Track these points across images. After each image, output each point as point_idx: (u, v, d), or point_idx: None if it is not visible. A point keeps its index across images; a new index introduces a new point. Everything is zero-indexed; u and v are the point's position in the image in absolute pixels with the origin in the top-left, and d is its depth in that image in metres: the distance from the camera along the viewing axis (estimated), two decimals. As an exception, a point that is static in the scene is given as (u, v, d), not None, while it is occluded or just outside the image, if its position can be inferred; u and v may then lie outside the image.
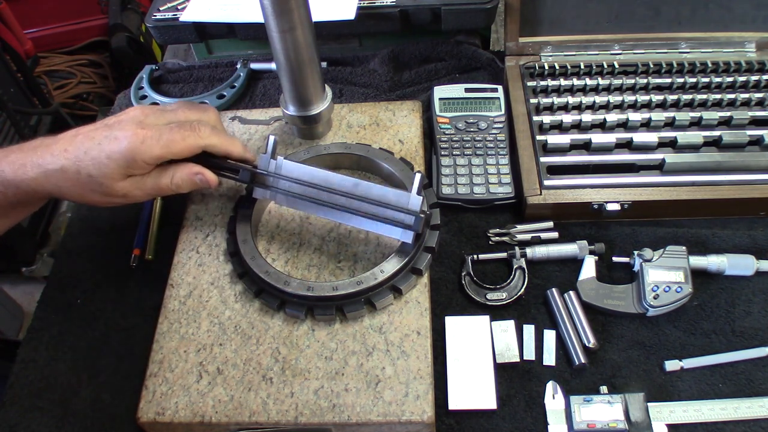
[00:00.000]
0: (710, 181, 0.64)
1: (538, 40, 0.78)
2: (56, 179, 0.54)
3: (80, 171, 0.53)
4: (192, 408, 0.53)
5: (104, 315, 0.64)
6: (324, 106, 0.67)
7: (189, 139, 0.55)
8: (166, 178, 0.57)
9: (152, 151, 0.54)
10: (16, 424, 0.57)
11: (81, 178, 0.54)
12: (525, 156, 0.68)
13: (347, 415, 0.51)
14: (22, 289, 1.55)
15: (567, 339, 0.57)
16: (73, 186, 0.54)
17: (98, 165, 0.53)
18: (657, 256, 0.59)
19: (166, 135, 0.54)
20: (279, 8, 0.55)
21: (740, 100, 0.70)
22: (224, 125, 0.75)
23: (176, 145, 0.55)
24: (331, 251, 0.62)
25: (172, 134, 0.55)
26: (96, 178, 0.54)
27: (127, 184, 0.56)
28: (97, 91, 1.91)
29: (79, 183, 0.54)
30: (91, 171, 0.53)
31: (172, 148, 0.55)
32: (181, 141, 0.55)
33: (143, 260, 0.67)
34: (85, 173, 0.53)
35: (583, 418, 0.52)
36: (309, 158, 0.66)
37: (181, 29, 0.84)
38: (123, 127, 0.54)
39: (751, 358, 0.56)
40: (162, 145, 0.54)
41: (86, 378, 0.59)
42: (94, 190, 0.55)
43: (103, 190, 0.55)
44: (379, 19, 0.82)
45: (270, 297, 0.57)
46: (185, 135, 0.55)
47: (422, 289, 0.58)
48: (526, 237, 0.65)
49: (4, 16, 1.60)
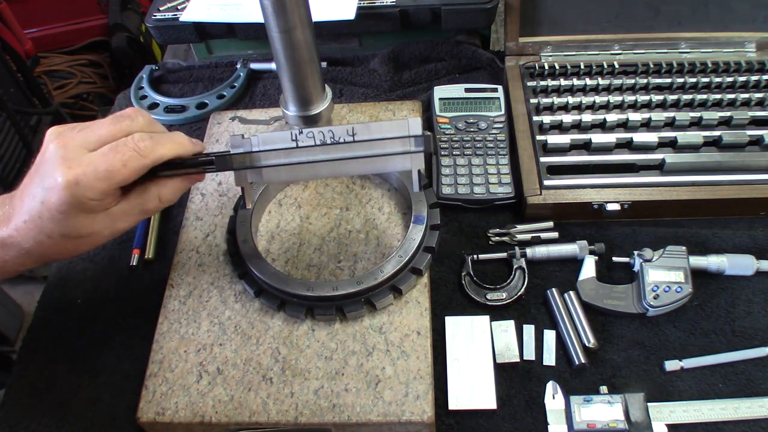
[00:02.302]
0: (710, 181, 0.64)
1: (538, 40, 0.78)
2: (38, 252, 0.49)
3: (51, 236, 0.47)
4: (192, 408, 0.53)
5: (104, 315, 0.64)
6: (324, 106, 0.67)
7: (131, 162, 0.47)
8: (152, 202, 0.51)
9: (93, 188, 0.46)
10: (16, 424, 0.57)
11: (59, 241, 0.48)
12: (525, 156, 0.68)
13: (347, 415, 0.51)
14: (22, 289, 1.55)
15: (567, 339, 0.57)
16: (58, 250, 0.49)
17: (58, 223, 0.47)
18: (657, 256, 0.59)
19: (102, 166, 0.46)
20: (279, 8, 0.55)
21: (740, 100, 0.70)
22: (224, 125, 0.75)
23: (118, 174, 0.46)
24: (331, 251, 0.62)
25: (108, 162, 0.46)
26: (70, 235, 0.48)
27: (107, 220, 0.49)
28: (97, 91, 1.91)
29: (60, 246, 0.49)
30: (59, 231, 0.47)
31: (114, 179, 0.46)
32: (122, 167, 0.46)
33: (143, 260, 0.67)
34: (56, 236, 0.48)
35: (583, 418, 0.52)
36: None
37: (181, 29, 0.84)
38: (50, 173, 0.46)
39: (751, 358, 0.56)
40: (101, 178, 0.46)
41: (86, 378, 0.59)
42: (78, 244, 0.50)
43: (87, 240, 0.49)
44: (379, 19, 0.82)
45: (270, 297, 0.57)
46: (124, 159, 0.47)
47: (422, 289, 0.58)
48: (526, 237, 0.65)
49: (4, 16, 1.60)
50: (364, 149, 0.52)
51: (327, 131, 0.52)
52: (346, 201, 0.66)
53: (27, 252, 0.49)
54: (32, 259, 0.50)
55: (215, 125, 0.76)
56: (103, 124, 0.49)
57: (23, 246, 0.48)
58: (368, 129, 0.52)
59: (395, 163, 0.53)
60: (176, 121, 0.82)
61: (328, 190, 0.68)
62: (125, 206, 0.50)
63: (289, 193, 0.68)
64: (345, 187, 0.68)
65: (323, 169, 0.53)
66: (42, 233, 0.47)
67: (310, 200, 0.67)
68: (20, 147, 1.48)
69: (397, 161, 0.53)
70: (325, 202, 0.66)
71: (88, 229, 0.48)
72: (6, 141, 1.43)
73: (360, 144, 0.52)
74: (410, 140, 0.52)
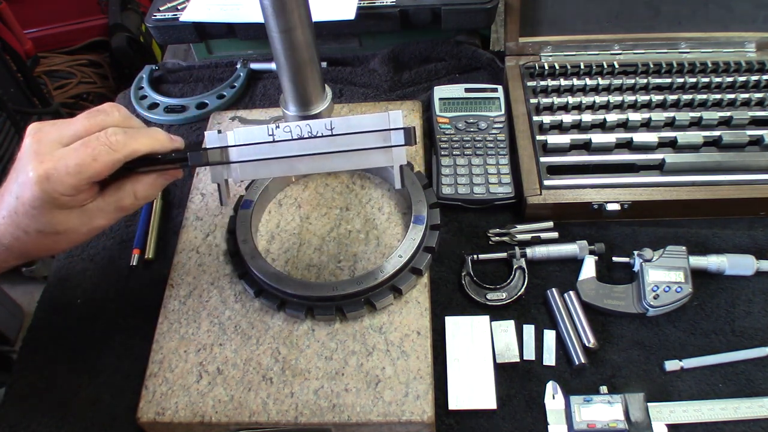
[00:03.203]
0: (710, 181, 0.64)
1: (538, 40, 0.78)
2: (17, 248, 0.49)
3: (27, 232, 0.48)
4: (192, 408, 0.53)
5: (104, 315, 0.64)
6: (324, 106, 0.67)
7: (102, 156, 0.46)
8: (128, 198, 0.50)
9: (63, 182, 0.45)
10: (16, 424, 0.57)
11: (35, 238, 0.48)
12: (525, 156, 0.68)
13: (347, 415, 0.51)
14: (22, 289, 1.55)
15: (567, 339, 0.57)
16: (36, 246, 0.49)
17: (33, 219, 0.47)
18: (657, 256, 0.59)
19: (72, 160, 0.45)
20: (279, 8, 0.55)
21: (740, 100, 0.70)
22: (224, 125, 0.75)
23: (89, 168, 0.46)
24: (331, 251, 0.62)
25: (78, 156, 0.45)
26: (45, 231, 0.48)
27: (83, 217, 0.49)
28: (97, 91, 1.91)
29: (37, 242, 0.49)
30: (34, 227, 0.47)
31: (84, 173, 0.46)
32: (92, 162, 0.46)
33: (143, 260, 0.67)
34: (33, 231, 0.48)
35: (583, 418, 0.52)
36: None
37: (181, 29, 0.84)
38: (23, 168, 0.46)
39: (751, 358, 0.56)
40: (72, 173, 0.45)
41: (86, 378, 0.59)
42: (56, 241, 0.49)
43: (64, 237, 0.49)
44: (379, 19, 0.82)
45: (270, 297, 0.57)
46: (95, 153, 0.46)
47: (422, 289, 0.58)
48: (526, 237, 0.65)
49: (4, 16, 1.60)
50: (344, 144, 0.50)
51: (305, 125, 0.50)
52: (346, 201, 0.66)
53: (7, 248, 0.49)
54: (13, 256, 0.50)
55: (215, 125, 0.76)
56: (78, 119, 0.49)
57: (2, 242, 0.49)
58: (347, 123, 0.50)
59: (376, 157, 0.51)
60: (176, 121, 0.82)
61: (328, 190, 0.68)
62: (101, 203, 0.49)
63: (289, 193, 0.68)
64: (345, 187, 0.68)
65: (301, 164, 0.51)
66: (19, 229, 0.47)
67: (310, 200, 0.67)
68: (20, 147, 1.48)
69: (378, 156, 0.51)
70: (325, 202, 0.66)
71: (63, 225, 0.48)
72: (6, 141, 1.43)
73: (339, 138, 0.50)
74: (390, 134, 0.50)
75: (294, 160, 0.51)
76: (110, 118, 0.49)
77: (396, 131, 0.50)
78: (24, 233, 0.48)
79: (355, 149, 0.50)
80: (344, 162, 0.51)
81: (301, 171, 0.52)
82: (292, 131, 0.50)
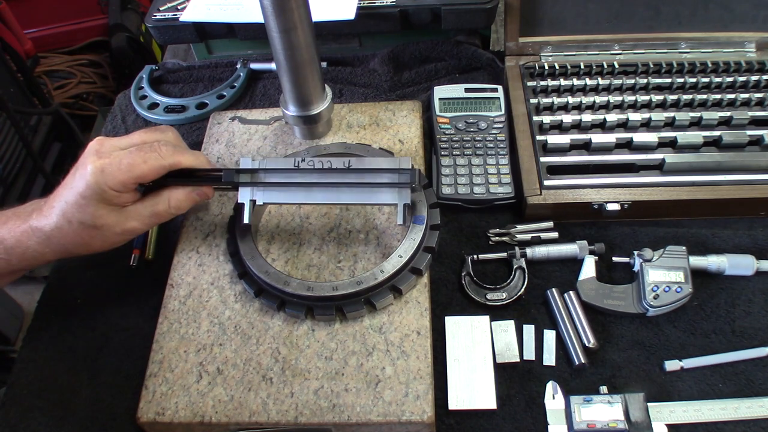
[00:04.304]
0: (710, 181, 0.64)
1: (538, 40, 0.78)
2: (57, 239, 0.54)
3: (71, 221, 0.53)
4: (192, 408, 0.53)
5: (104, 315, 0.64)
6: (324, 106, 0.67)
7: (151, 160, 0.54)
8: (162, 204, 0.57)
9: (115, 177, 0.52)
10: (16, 424, 0.57)
11: (75, 229, 0.54)
12: (525, 156, 0.68)
13: (347, 415, 0.51)
14: (22, 289, 1.55)
15: (567, 339, 0.57)
16: (74, 239, 0.54)
17: (79, 208, 0.53)
18: (657, 256, 0.59)
19: (126, 159, 0.53)
20: (279, 8, 0.55)
21: (740, 100, 0.70)
22: (224, 125, 0.75)
23: (138, 168, 0.53)
24: (331, 251, 0.62)
25: (131, 158, 0.53)
26: (85, 223, 0.53)
27: (120, 217, 0.55)
28: (97, 91, 1.91)
29: (76, 234, 0.54)
30: (78, 217, 0.53)
31: (134, 172, 0.53)
32: (142, 163, 0.53)
33: (143, 260, 0.67)
34: (75, 222, 0.53)
35: (583, 418, 0.52)
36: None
37: (181, 29, 0.84)
38: (84, 163, 0.53)
39: (751, 358, 0.56)
40: (123, 170, 0.53)
41: (86, 378, 0.59)
42: (92, 236, 0.55)
43: (100, 234, 0.55)
44: (379, 19, 0.82)
45: (270, 297, 0.57)
46: (146, 157, 0.54)
47: (422, 289, 0.58)
48: (526, 237, 0.65)
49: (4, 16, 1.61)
50: (357, 178, 0.57)
51: (326, 161, 0.58)
52: (346, 201, 0.66)
53: (47, 238, 0.54)
54: (51, 249, 0.55)
55: (215, 125, 0.76)
56: (137, 133, 0.58)
57: (45, 231, 0.54)
58: (362, 162, 0.58)
59: (384, 195, 0.57)
60: (176, 121, 0.82)
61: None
62: (139, 207, 0.56)
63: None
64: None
65: (318, 194, 0.58)
66: (64, 218, 0.53)
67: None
68: (20, 147, 1.48)
69: (385, 193, 0.57)
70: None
71: (102, 220, 0.54)
72: (6, 141, 1.43)
73: (353, 173, 0.58)
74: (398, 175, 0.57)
75: (313, 189, 0.58)
76: (163, 135, 0.58)
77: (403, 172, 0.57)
78: (67, 223, 0.53)
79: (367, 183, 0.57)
80: (356, 197, 0.58)
81: (318, 200, 0.58)
82: (315, 164, 0.58)
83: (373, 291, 0.56)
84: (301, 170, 0.58)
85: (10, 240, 0.54)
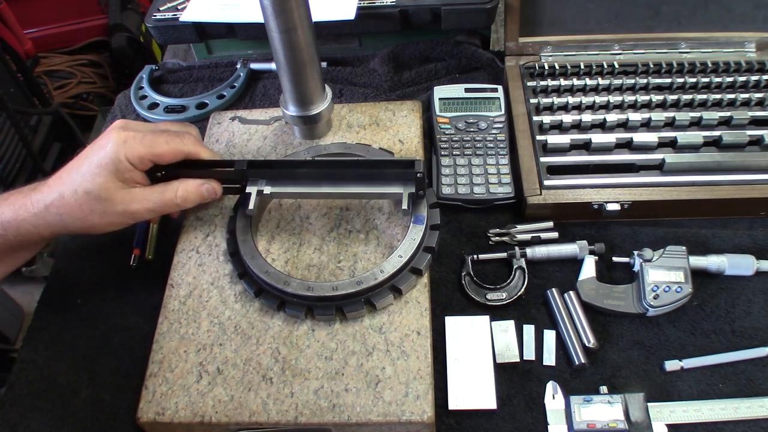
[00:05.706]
0: (710, 181, 0.64)
1: (538, 40, 0.78)
2: (56, 208, 0.54)
3: (77, 190, 0.54)
4: (192, 408, 0.53)
5: (104, 315, 0.64)
6: (324, 106, 0.67)
7: (172, 143, 0.56)
8: (170, 193, 0.58)
9: (135, 149, 0.54)
10: (16, 424, 0.57)
11: (78, 198, 0.54)
12: (525, 156, 0.68)
13: (347, 415, 0.51)
14: (22, 289, 1.55)
15: (567, 339, 0.57)
16: (73, 210, 0.54)
17: (91, 176, 0.54)
18: (657, 256, 0.59)
19: (149, 137, 0.55)
20: (279, 8, 0.55)
21: (740, 100, 0.70)
22: (224, 125, 0.75)
23: (159, 146, 0.55)
24: (331, 251, 0.62)
25: (155, 137, 0.56)
26: (91, 193, 0.54)
27: (126, 196, 0.55)
28: (97, 91, 1.91)
29: (77, 205, 0.54)
30: (86, 186, 0.54)
31: (154, 149, 0.55)
32: (164, 144, 0.56)
33: (143, 260, 0.67)
34: (81, 191, 0.54)
35: (583, 418, 0.52)
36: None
37: (181, 29, 0.84)
38: (107, 135, 0.55)
39: (751, 358, 0.56)
40: (145, 144, 0.55)
41: (86, 378, 0.59)
42: (93, 209, 0.55)
43: (100, 209, 0.55)
44: (379, 19, 0.82)
45: (270, 297, 0.57)
46: (168, 139, 0.56)
47: (422, 289, 0.58)
48: (526, 237, 0.65)
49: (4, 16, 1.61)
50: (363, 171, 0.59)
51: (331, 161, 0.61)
52: (346, 201, 0.66)
53: (45, 208, 0.54)
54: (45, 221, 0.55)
55: (215, 125, 0.76)
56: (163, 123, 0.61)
57: (44, 201, 0.54)
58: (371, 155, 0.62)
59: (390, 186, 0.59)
60: (176, 121, 0.82)
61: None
62: (147, 191, 0.57)
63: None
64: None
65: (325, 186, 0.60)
66: (70, 186, 0.54)
67: (310, 200, 0.67)
68: (20, 147, 1.48)
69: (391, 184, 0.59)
70: (325, 202, 0.66)
71: (108, 192, 0.54)
72: (6, 141, 1.43)
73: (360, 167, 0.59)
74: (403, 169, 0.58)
75: (321, 181, 0.60)
76: (186, 129, 0.62)
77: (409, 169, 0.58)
78: (72, 192, 0.54)
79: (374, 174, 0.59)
80: (362, 187, 0.59)
81: (324, 191, 0.60)
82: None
83: (373, 291, 0.56)
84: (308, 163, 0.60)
85: (8, 213, 0.54)
